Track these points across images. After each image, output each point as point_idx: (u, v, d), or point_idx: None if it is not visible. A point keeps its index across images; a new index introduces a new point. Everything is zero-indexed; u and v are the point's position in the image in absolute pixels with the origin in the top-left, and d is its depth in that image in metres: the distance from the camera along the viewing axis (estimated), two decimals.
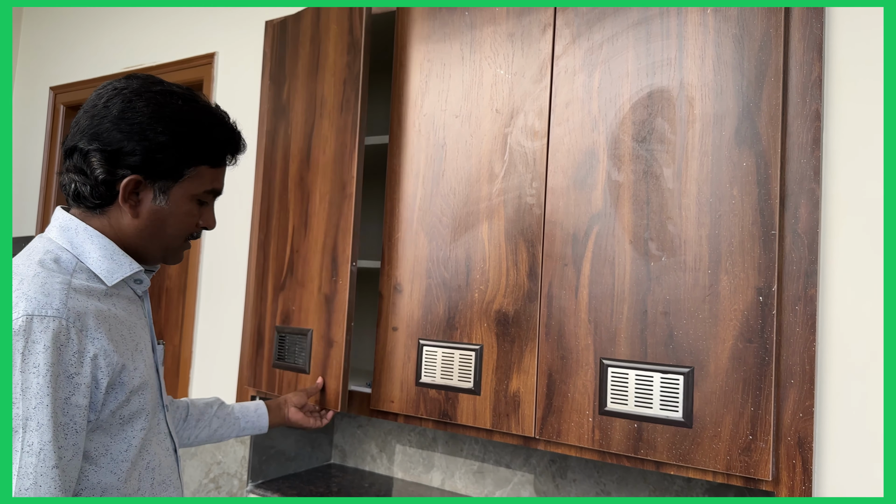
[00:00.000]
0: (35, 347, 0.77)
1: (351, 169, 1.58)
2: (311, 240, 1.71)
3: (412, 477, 1.94)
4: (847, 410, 1.09)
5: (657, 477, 1.55)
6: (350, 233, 1.61)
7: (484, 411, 1.42)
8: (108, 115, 0.88)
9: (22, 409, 0.75)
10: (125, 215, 0.92)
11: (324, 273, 1.67)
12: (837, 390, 1.09)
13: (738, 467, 1.13)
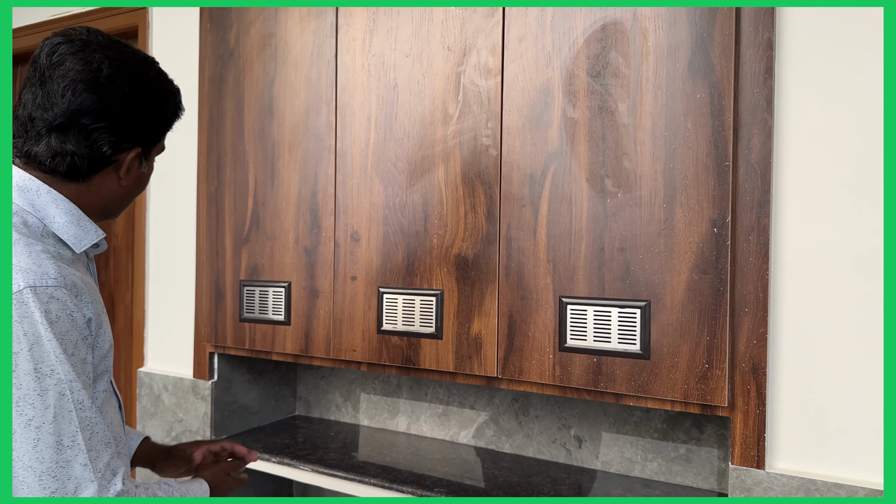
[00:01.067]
0: (49, 317, 0.78)
1: (330, 120, 1.53)
2: (281, 192, 1.66)
3: (378, 423, 1.96)
4: (799, 336, 1.12)
5: (616, 409, 1.59)
6: (333, 184, 1.57)
7: (447, 355, 1.42)
8: (116, 90, 0.86)
9: (60, 376, 0.77)
10: (113, 183, 0.92)
11: (301, 226, 1.63)
12: (790, 317, 1.13)
13: (695, 395, 1.16)
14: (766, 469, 1.13)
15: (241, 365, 1.90)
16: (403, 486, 1.50)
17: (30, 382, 0.75)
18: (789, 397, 1.12)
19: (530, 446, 1.71)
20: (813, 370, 1.11)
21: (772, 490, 1.12)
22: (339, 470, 1.60)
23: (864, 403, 1.07)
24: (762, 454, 1.13)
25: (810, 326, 1.11)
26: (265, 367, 1.98)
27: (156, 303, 1.96)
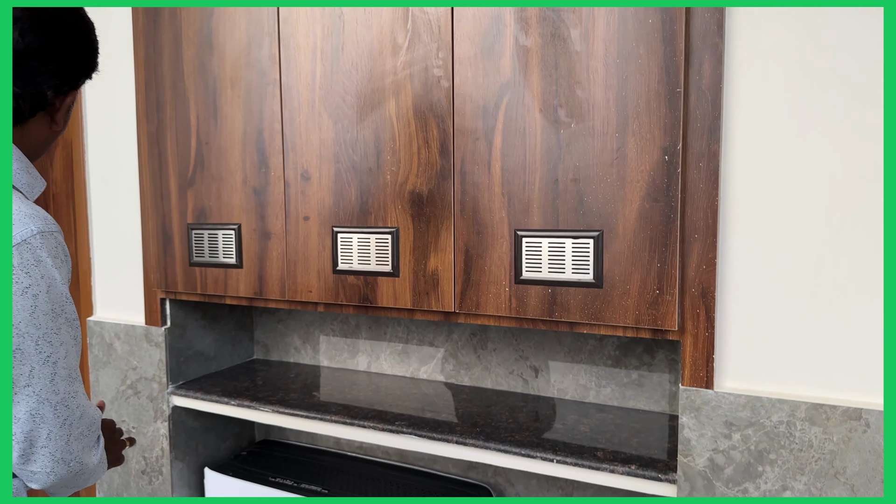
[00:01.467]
0: (56, 261, 0.82)
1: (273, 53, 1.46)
2: (226, 131, 1.60)
3: (338, 363, 1.96)
4: (747, 260, 1.15)
5: (571, 339, 1.63)
6: (280, 121, 1.52)
7: (404, 292, 1.42)
8: (62, 28, 0.86)
9: (69, 314, 0.84)
10: (46, 126, 0.91)
11: (248, 165, 1.57)
12: (738, 242, 1.15)
13: (646, 321, 1.19)
14: (714, 389, 1.17)
15: (194, 310, 1.87)
16: (365, 422, 1.52)
17: (48, 322, 0.80)
18: (737, 320, 1.16)
19: (489, 378, 1.75)
20: (759, 293, 1.15)
21: (720, 408, 1.16)
22: (300, 409, 1.60)
23: (806, 323, 1.12)
24: (711, 375, 1.17)
25: (758, 251, 1.14)
26: (219, 311, 1.95)
27: (102, 250, 1.89)
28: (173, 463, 1.81)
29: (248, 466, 1.84)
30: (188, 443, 1.86)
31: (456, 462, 1.80)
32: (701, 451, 1.19)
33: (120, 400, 1.86)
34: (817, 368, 1.12)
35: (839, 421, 1.08)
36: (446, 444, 1.43)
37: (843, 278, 1.09)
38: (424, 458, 1.84)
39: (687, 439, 1.20)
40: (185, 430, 1.84)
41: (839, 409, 1.08)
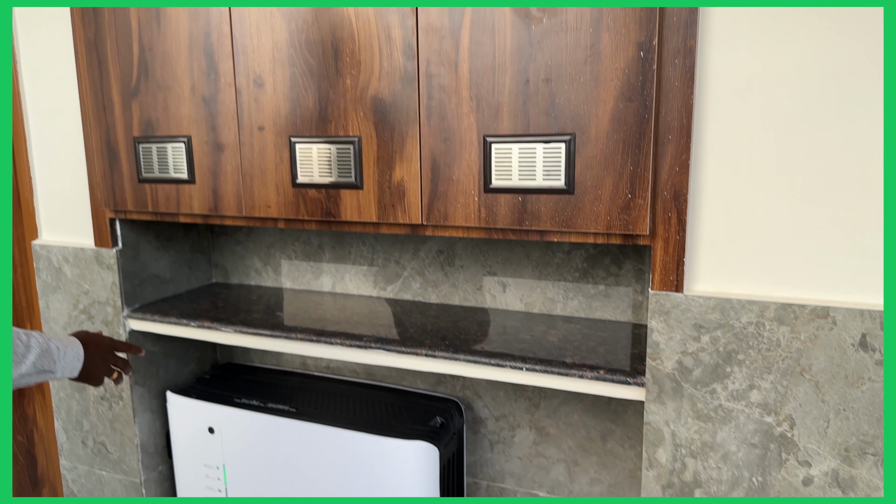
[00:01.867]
0: None
1: None
2: (170, 35, 1.48)
3: (301, 285, 1.92)
4: (720, 161, 1.12)
5: (539, 253, 1.61)
6: (228, 22, 1.40)
7: (369, 205, 1.37)
8: None
9: None
10: None
11: (196, 72, 1.46)
12: (712, 142, 1.12)
13: (617, 226, 1.17)
14: (684, 292, 1.17)
15: (146, 231, 1.78)
16: (333, 339, 1.49)
17: None
18: (709, 223, 1.15)
19: (456, 295, 1.73)
20: (731, 195, 1.13)
21: (689, 311, 1.16)
22: (264, 329, 1.56)
23: (776, 224, 1.11)
24: (681, 278, 1.16)
25: (732, 151, 1.12)
26: (174, 232, 1.87)
27: (43, 169, 1.78)
28: (133, 388, 1.77)
29: (211, 389, 1.80)
30: (148, 368, 1.81)
31: (424, 377, 1.80)
32: (670, 354, 1.19)
33: (73, 326, 1.79)
34: (786, 269, 1.12)
35: (807, 319, 1.09)
36: (416, 357, 1.42)
37: (813, 179, 1.08)
38: (392, 375, 1.84)
39: (656, 343, 1.20)
40: (144, 356, 1.79)
41: (807, 308, 1.09)
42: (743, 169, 1.11)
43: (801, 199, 1.09)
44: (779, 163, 1.09)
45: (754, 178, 1.11)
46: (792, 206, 1.10)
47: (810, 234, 1.09)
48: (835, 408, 1.10)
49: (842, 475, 1.12)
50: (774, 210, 1.11)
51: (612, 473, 1.64)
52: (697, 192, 1.15)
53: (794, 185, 1.09)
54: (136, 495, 1.83)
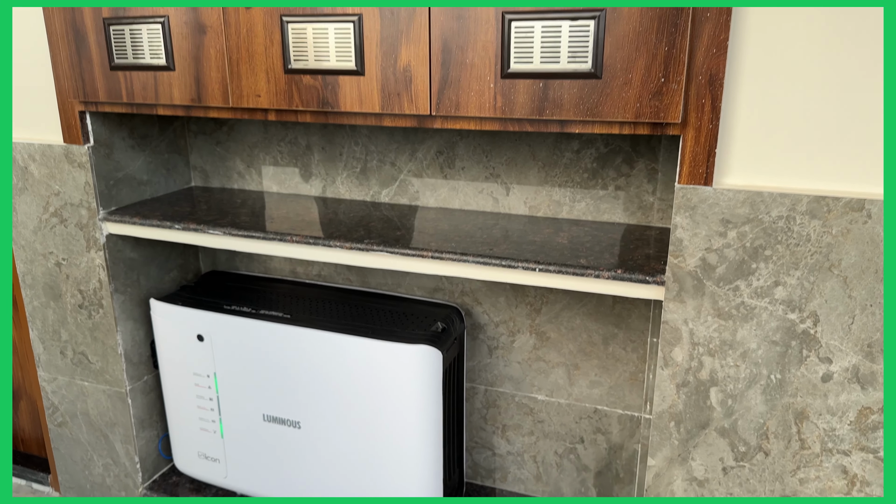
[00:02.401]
0: None
1: None
2: None
3: (289, 189, 1.81)
4: (761, 42, 1.04)
5: (547, 152, 1.52)
6: None
7: (371, 93, 1.26)
8: None
9: None
10: None
11: None
12: (754, 20, 1.03)
13: (647, 114, 1.09)
14: (713, 185, 1.11)
15: (120, 127, 1.64)
16: (331, 242, 1.40)
17: None
18: (745, 111, 1.07)
19: (456, 199, 1.65)
20: (770, 81, 1.05)
21: (717, 206, 1.11)
22: (254, 231, 1.47)
23: (815, 114, 1.04)
24: (711, 171, 1.10)
25: (773, 34, 1.03)
26: (149, 129, 1.73)
27: None
28: (114, 295, 1.67)
29: (198, 296, 1.72)
30: (128, 275, 1.71)
31: (422, 284, 1.74)
32: (693, 251, 1.15)
33: (44, 230, 1.67)
34: (821, 161, 1.06)
35: (840, 213, 1.05)
36: (421, 259, 1.35)
37: (854, 67, 1.00)
38: (388, 282, 1.77)
39: (679, 240, 1.15)
40: (123, 261, 1.68)
41: (842, 201, 1.04)
42: (783, 54, 1.03)
43: (841, 88, 1.02)
44: (819, 48, 1.01)
45: (794, 64, 1.03)
46: (830, 95, 1.03)
47: (846, 125, 1.03)
48: (861, 303, 1.08)
49: (862, 371, 1.11)
50: (812, 99, 1.04)
51: (612, 376, 1.63)
52: (734, 77, 1.07)
53: (834, 71, 1.02)
54: (121, 405, 1.77)
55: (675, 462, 1.27)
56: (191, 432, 1.77)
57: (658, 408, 1.25)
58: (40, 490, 2.03)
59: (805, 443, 1.17)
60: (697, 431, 1.24)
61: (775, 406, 1.17)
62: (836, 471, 1.16)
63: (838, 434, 1.14)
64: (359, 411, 1.54)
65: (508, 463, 1.81)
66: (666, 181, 1.45)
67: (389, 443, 1.54)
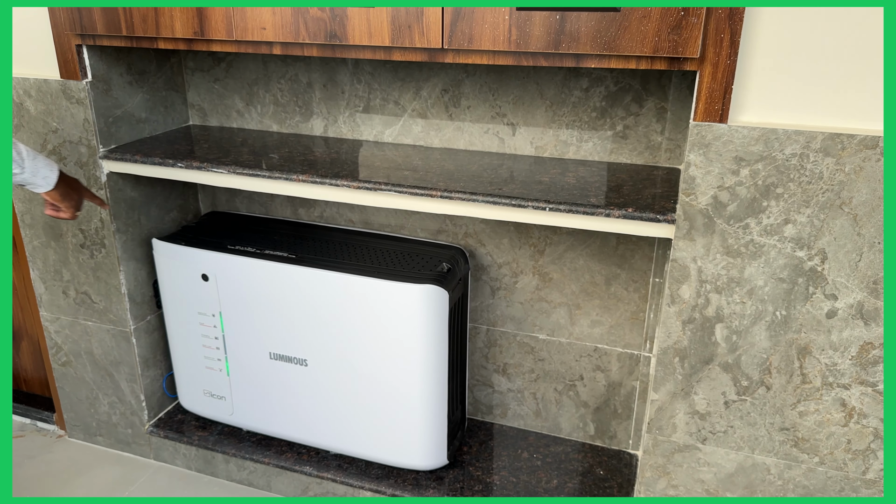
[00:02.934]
0: None
1: None
2: None
3: (289, 128, 1.78)
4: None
5: (555, 90, 1.51)
6: None
7: (381, 25, 1.23)
8: None
9: None
10: None
11: None
12: None
13: (665, 48, 1.07)
14: (728, 122, 1.10)
15: (117, 62, 1.59)
16: (338, 181, 1.39)
17: None
18: (763, 46, 1.06)
19: (461, 139, 1.63)
20: (792, 13, 1.04)
21: (731, 143, 1.11)
22: (259, 169, 1.45)
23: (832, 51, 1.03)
24: (727, 108, 1.10)
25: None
26: (146, 66, 1.68)
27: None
28: (116, 235, 1.66)
29: (201, 236, 1.71)
30: (129, 214, 1.69)
31: (425, 225, 1.74)
32: (705, 189, 1.15)
33: None
34: (836, 99, 1.06)
35: (854, 150, 1.05)
36: (430, 199, 1.34)
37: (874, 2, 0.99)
38: (391, 224, 1.77)
39: (692, 177, 1.15)
40: (124, 201, 1.66)
41: (856, 139, 1.05)
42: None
43: (858, 24, 1.01)
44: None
45: None
46: (849, 31, 1.02)
47: (863, 61, 1.03)
48: (869, 241, 1.09)
49: (866, 307, 1.13)
50: (831, 34, 1.03)
51: (613, 316, 1.66)
52: (753, 10, 1.05)
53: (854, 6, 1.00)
54: (125, 345, 1.78)
55: (678, 396, 1.30)
56: (196, 371, 1.79)
57: (663, 344, 1.28)
58: (46, 429, 2.05)
59: (806, 377, 1.20)
60: (701, 367, 1.27)
61: (779, 342, 1.20)
62: (835, 404, 1.20)
63: (839, 368, 1.18)
64: (365, 350, 1.56)
65: (509, 399, 1.85)
66: (675, 120, 1.44)
67: (395, 380, 1.57)
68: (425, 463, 1.66)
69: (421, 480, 1.67)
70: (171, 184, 1.81)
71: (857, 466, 1.23)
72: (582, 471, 1.71)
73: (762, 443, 1.28)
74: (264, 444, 1.79)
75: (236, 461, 1.83)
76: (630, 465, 1.73)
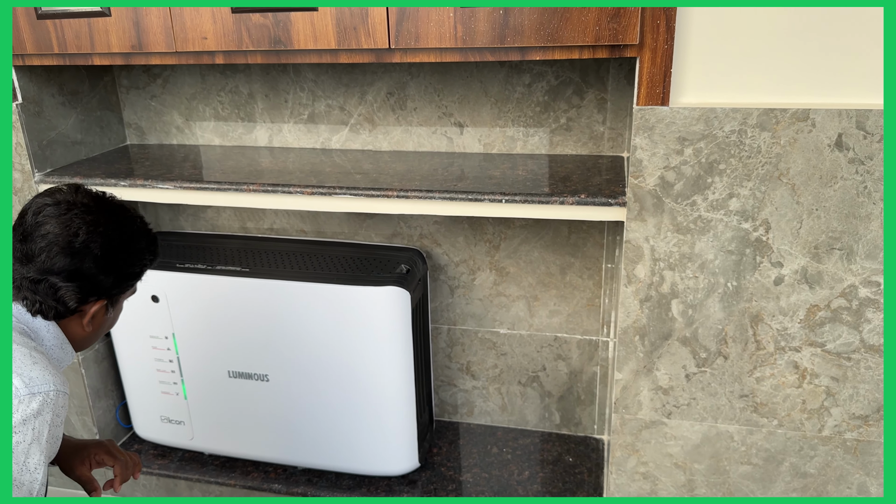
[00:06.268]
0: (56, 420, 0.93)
1: None
2: None
3: (232, 141, 1.75)
4: None
5: (498, 87, 1.54)
6: None
7: (326, 28, 1.23)
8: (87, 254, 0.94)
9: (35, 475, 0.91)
10: (78, 327, 1.01)
11: None
12: None
13: (606, 36, 1.12)
14: (669, 105, 1.15)
15: (49, 83, 1.53)
16: (290, 188, 1.38)
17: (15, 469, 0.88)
18: (697, 30, 1.12)
19: (410, 141, 1.64)
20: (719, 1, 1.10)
21: (673, 124, 1.16)
22: (207, 182, 1.42)
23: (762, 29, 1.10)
24: (667, 91, 1.15)
25: None
26: (79, 86, 1.63)
27: None
28: None
29: None
30: None
31: (379, 229, 1.74)
32: (652, 170, 1.20)
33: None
34: (769, 76, 1.13)
35: (787, 123, 1.12)
36: (387, 199, 1.35)
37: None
38: (344, 231, 1.76)
39: (639, 160, 1.20)
40: None
41: (788, 112, 1.11)
42: None
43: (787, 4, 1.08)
44: None
45: None
46: (776, 11, 1.08)
47: (792, 37, 1.10)
48: (808, 208, 1.16)
49: (810, 271, 1.20)
50: (759, 15, 1.09)
51: (570, 304, 1.70)
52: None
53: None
54: (73, 376, 1.70)
55: (641, 374, 1.34)
56: (151, 397, 1.72)
57: (623, 324, 1.32)
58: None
59: (760, 343, 1.26)
60: (661, 343, 1.31)
61: (732, 312, 1.26)
62: (788, 367, 1.27)
63: (790, 332, 1.24)
64: (329, 359, 1.54)
65: (474, 397, 1.86)
66: (615, 110, 1.50)
67: (362, 386, 1.55)
68: (397, 468, 1.65)
69: (394, 486, 1.66)
70: None
71: (813, 425, 1.30)
72: (551, 460, 1.73)
73: (724, 411, 1.33)
74: (228, 466, 1.74)
75: (200, 486, 1.77)
76: (597, 449, 1.77)
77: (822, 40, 1.09)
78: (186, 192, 1.44)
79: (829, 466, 1.32)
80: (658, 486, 1.42)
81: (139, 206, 1.82)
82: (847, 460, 1.31)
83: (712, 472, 1.38)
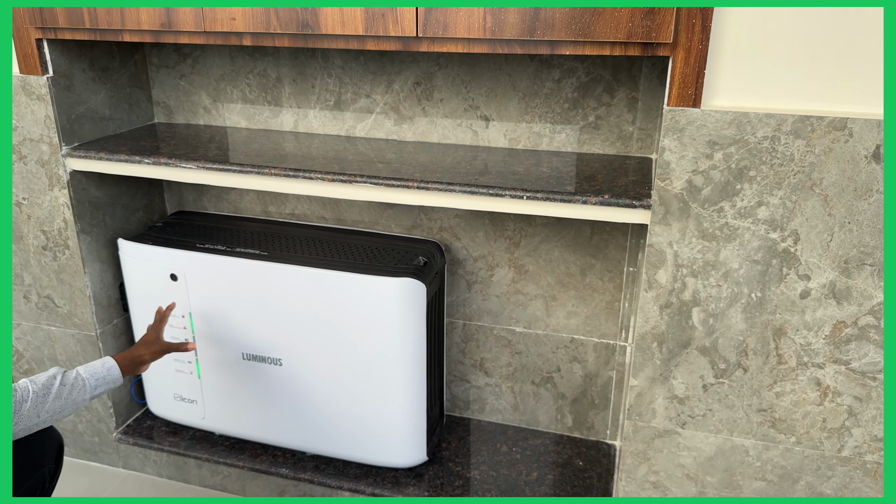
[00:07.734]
0: None
1: None
2: None
3: (258, 124, 1.75)
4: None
5: (527, 82, 1.51)
6: None
7: (354, 14, 1.21)
8: None
9: None
10: None
11: None
12: None
13: (639, 33, 1.09)
14: (701, 107, 1.12)
15: (80, 57, 1.55)
16: (312, 174, 1.37)
17: None
18: (734, 31, 1.08)
19: (434, 132, 1.62)
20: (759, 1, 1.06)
21: (704, 127, 1.12)
22: (229, 164, 1.42)
23: (802, 34, 1.06)
24: (699, 92, 1.11)
25: None
26: (110, 62, 1.64)
27: None
28: (80, 236, 1.61)
29: (168, 235, 1.67)
30: (93, 214, 1.64)
31: (400, 220, 1.72)
32: (680, 173, 1.16)
33: None
34: (806, 82, 1.08)
35: (823, 132, 1.08)
36: (407, 190, 1.33)
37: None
38: (364, 220, 1.75)
39: (666, 163, 1.17)
40: (88, 200, 1.61)
41: (825, 120, 1.07)
42: None
43: (827, 8, 1.04)
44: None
45: None
46: (817, 15, 1.04)
47: (832, 45, 1.05)
48: (840, 221, 1.12)
49: (838, 286, 1.16)
50: (799, 19, 1.05)
51: (589, 306, 1.67)
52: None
53: None
54: (91, 349, 1.72)
55: (657, 381, 1.31)
56: (165, 374, 1.74)
57: (641, 329, 1.29)
58: None
59: (782, 358, 1.23)
60: (679, 351, 1.28)
61: (755, 323, 1.22)
62: (810, 383, 1.23)
63: (813, 348, 1.20)
64: (342, 347, 1.54)
65: (486, 394, 1.84)
66: (646, 110, 1.46)
67: (374, 377, 1.55)
68: (404, 460, 1.64)
69: (400, 478, 1.65)
70: (137, 183, 1.76)
71: (833, 444, 1.26)
72: (561, 462, 1.71)
73: (740, 425, 1.29)
74: (238, 448, 1.75)
75: (209, 466, 1.79)
76: (608, 454, 1.74)
77: (863, 47, 1.04)
78: (209, 173, 1.44)
79: (846, 488, 1.28)
80: (668, 497, 1.39)
81: (163, 184, 1.84)
82: (866, 483, 1.27)
83: (724, 486, 1.35)
